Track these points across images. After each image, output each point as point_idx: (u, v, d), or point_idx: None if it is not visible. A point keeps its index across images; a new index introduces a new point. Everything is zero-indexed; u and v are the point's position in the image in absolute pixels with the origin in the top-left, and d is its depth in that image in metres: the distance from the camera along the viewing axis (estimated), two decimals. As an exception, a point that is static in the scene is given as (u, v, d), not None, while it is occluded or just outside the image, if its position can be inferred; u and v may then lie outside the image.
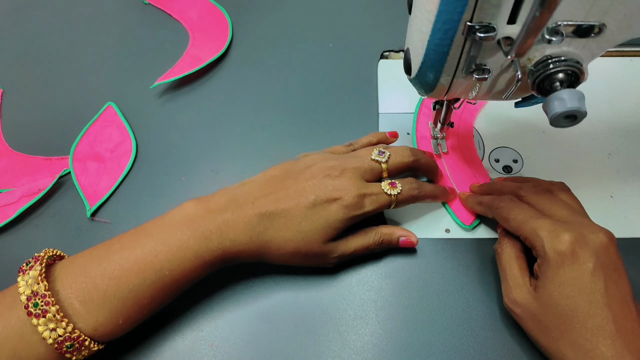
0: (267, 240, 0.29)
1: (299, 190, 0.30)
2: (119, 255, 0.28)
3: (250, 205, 0.30)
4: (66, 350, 0.26)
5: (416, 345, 0.30)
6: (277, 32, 0.48)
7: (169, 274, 0.28)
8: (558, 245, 0.26)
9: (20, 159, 0.41)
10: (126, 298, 0.27)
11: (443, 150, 0.38)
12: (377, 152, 0.33)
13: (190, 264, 0.28)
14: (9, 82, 0.46)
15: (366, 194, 0.30)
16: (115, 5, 0.52)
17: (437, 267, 0.33)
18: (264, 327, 0.32)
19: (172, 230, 0.28)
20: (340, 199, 0.29)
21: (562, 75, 0.24)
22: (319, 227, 0.29)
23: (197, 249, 0.28)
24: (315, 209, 0.29)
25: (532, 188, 0.31)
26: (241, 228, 0.29)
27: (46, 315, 0.25)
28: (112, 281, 0.27)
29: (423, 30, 0.24)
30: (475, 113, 0.41)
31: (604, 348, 0.24)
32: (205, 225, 0.29)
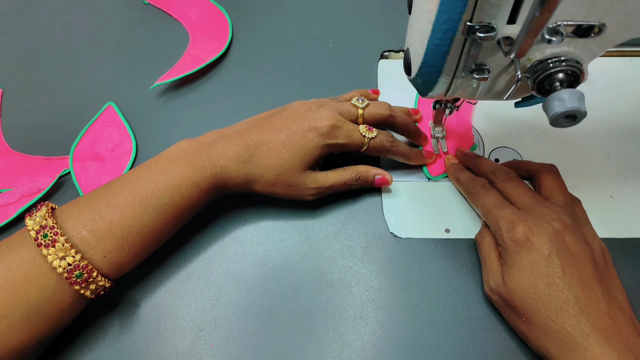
0: (252, 168, 0.32)
1: (281, 122, 0.33)
2: (121, 188, 0.30)
3: (237, 137, 0.32)
4: (75, 279, 0.27)
5: (416, 345, 0.30)
6: (277, 32, 0.48)
7: (169, 201, 0.30)
8: (514, 235, 0.28)
9: (20, 159, 0.41)
10: (131, 226, 0.29)
11: (443, 149, 0.38)
12: (356, 99, 0.35)
13: (188, 191, 0.30)
14: (9, 82, 0.46)
15: (342, 126, 0.33)
16: (115, 5, 0.52)
17: (437, 267, 0.33)
18: (264, 327, 0.32)
19: (170, 162, 0.31)
20: (317, 127, 0.32)
21: (562, 75, 0.24)
22: (297, 154, 0.32)
23: (192, 177, 0.30)
24: (294, 136, 0.32)
25: (503, 175, 0.33)
26: (229, 156, 0.31)
27: (55, 244, 0.26)
28: (117, 210, 0.28)
29: (423, 30, 0.24)
30: (471, 112, 0.41)
31: (570, 328, 0.26)
32: (198, 156, 0.31)
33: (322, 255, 0.34)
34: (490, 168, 0.34)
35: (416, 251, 0.34)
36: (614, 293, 0.27)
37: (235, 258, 0.34)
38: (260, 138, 0.32)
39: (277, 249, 0.35)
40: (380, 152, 0.35)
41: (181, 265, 0.34)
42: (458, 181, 0.35)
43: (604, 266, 0.28)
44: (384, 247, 0.34)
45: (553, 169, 0.33)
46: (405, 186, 0.37)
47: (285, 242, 0.35)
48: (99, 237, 0.28)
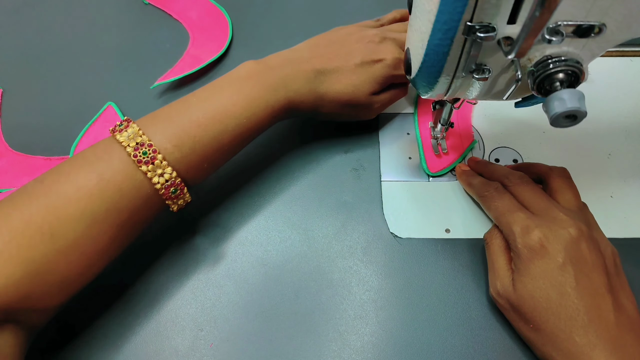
0: (323, 92, 0.34)
1: (347, 53, 0.35)
2: (199, 106, 0.30)
3: (305, 63, 0.34)
4: (170, 195, 0.29)
5: (416, 345, 0.30)
6: (277, 32, 0.48)
7: (246, 122, 0.31)
8: (528, 241, 0.28)
9: (20, 159, 0.41)
10: (210, 144, 0.30)
11: (443, 150, 0.38)
12: (402, 24, 0.39)
13: (263, 112, 0.31)
14: (9, 82, 0.46)
15: (402, 58, 0.34)
16: (115, 5, 0.52)
17: (437, 267, 0.33)
18: (264, 327, 0.32)
19: (243, 83, 0.32)
20: (384, 59, 0.34)
21: (562, 75, 0.24)
22: (366, 81, 0.34)
23: (267, 98, 0.32)
24: (362, 67, 0.34)
25: (517, 178, 0.32)
26: (301, 81, 0.33)
27: (154, 162, 0.27)
28: (199, 128, 0.29)
29: (423, 30, 0.24)
30: (471, 112, 0.41)
31: (577, 338, 0.25)
32: (271, 78, 0.32)
33: (322, 255, 0.34)
34: (503, 172, 0.33)
35: (416, 251, 0.34)
36: (624, 301, 0.27)
37: (235, 258, 0.34)
38: (329, 65, 0.34)
39: (277, 249, 0.35)
40: None
41: (181, 265, 0.34)
42: (470, 185, 0.35)
43: (615, 273, 0.28)
44: (384, 247, 0.34)
45: (564, 172, 0.32)
46: (405, 186, 0.37)
47: (285, 242, 0.35)
48: (185, 153, 0.29)
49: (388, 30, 0.37)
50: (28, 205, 0.25)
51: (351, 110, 0.36)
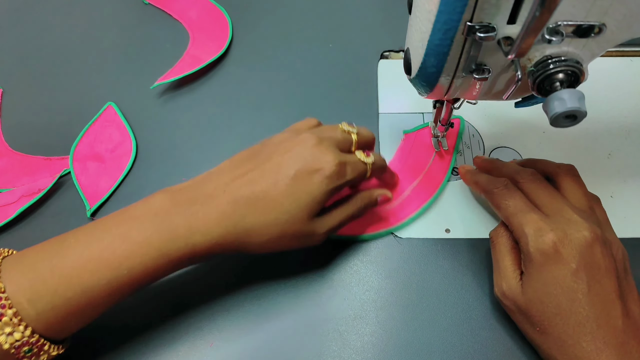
0: (247, 229, 0.27)
1: (276, 167, 0.27)
2: (72, 251, 0.25)
3: (221, 192, 0.27)
4: (24, 355, 0.24)
5: (416, 345, 0.30)
6: (277, 32, 0.48)
7: (127, 273, 0.25)
8: (541, 245, 0.26)
9: (20, 159, 0.41)
10: (79, 298, 0.24)
11: (444, 147, 0.38)
12: (346, 124, 0.31)
13: (153, 262, 0.25)
14: (9, 82, 0.46)
15: (347, 162, 0.29)
16: (115, 5, 0.52)
17: (437, 267, 0.33)
18: (264, 327, 0.32)
19: (133, 224, 0.26)
20: (322, 169, 0.27)
21: (562, 75, 0.24)
22: (303, 204, 0.27)
23: (160, 246, 0.25)
24: (297, 184, 0.27)
25: (529, 175, 0.31)
26: (214, 219, 0.26)
27: (2, 318, 0.23)
28: (62, 279, 0.24)
29: (423, 30, 0.24)
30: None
31: (585, 344, 0.25)
32: (171, 218, 0.26)
33: (322, 256, 0.34)
34: (514, 169, 0.32)
35: (416, 251, 0.34)
36: (632, 306, 0.27)
37: (235, 258, 0.34)
38: (252, 191, 0.27)
39: (277, 249, 0.35)
40: (378, 174, 0.33)
41: (181, 265, 0.34)
42: (477, 183, 0.33)
43: (624, 277, 0.27)
44: (384, 247, 0.34)
45: (572, 170, 0.31)
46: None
47: (285, 242, 0.35)
48: (41, 310, 0.24)
49: (325, 129, 0.31)
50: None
51: (290, 242, 0.28)
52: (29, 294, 0.24)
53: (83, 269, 0.25)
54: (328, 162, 0.27)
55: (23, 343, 0.24)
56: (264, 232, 0.27)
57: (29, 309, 0.24)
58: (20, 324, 0.23)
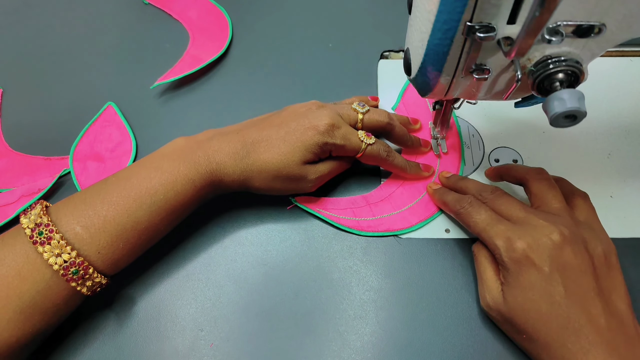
0: (249, 164, 0.31)
1: (281, 121, 0.33)
2: (116, 185, 0.29)
3: (234, 134, 0.32)
4: (72, 276, 0.27)
5: (416, 345, 0.30)
6: (277, 32, 0.48)
7: (163, 198, 0.29)
8: (513, 254, 0.27)
9: (20, 159, 0.41)
10: (125, 222, 0.28)
11: (443, 150, 0.38)
12: (357, 103, 0.35)
13: (182, 188, 0.30)
14: (9, 82, 0.46)
15: (340, 127, 0.33)
16: (115, 5, 0.52)
17: (437, 267, 0.33)
18: (264, 327, 0.32)
19: (164, 159, 0.31)
20: (316, 125, 0.32)
21: (562, 75, 0.24)
22: (296, 150, 0.31)
23: (187, 172, 0.30)
24: (293, 133, 0.32)
25: (490, 193, 0.32)
26: (226, 152, 0.31)
27: (50, 242, 0.26)
28: (111, 207, 0.28)
29: (423, 30, 0.24)
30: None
31: (570, 345, 0.26)
32: (194, 152, 0.31)
33: (322, 255, 0.34)
34: (475, 189, 0.33)
35: (416, 251, 0.34)
36: (616, 303, 0.27)
37: (235, 258, 0.34)
38: (258, 135, 0.32)
39: (277, 249, 0.35)
40: (375, 161, 0.35)
41: (181, 265, 0.34)
42: (445, 204, 0.34)
43: (606, 274, 0.28)
44: (384, 247, 0.34)
45: (541, 174, 0.31)
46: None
47: (285, 242, 0.35)
48: (93, 233, 0.28)
49: (337, 104, 0.36)
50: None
51: (284, 182, 0.32)
52: (82, 221, 0.28)
53: (127, 197, 0.29)
54: (322, 121, 0.32)
55: (70, 264, 0.27)
56: (263, 168, 0.32)
57: (83, 234, 0.27)
58: (67, 246, 0.27)
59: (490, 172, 0.35)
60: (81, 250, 0.27)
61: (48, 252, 0.26)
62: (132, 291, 0.33)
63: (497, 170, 0.35)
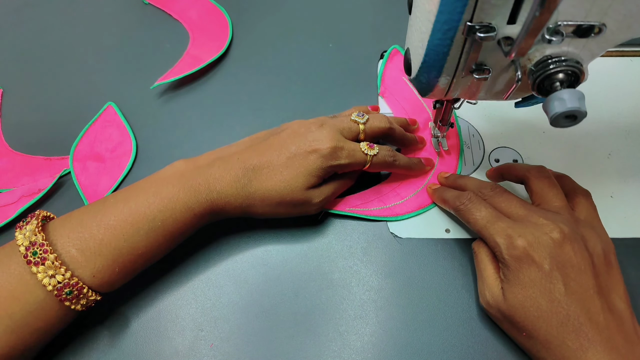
0: (252, 192, 0.31)
1: (281, 144, 0.32)
2: (114, 208, 0.29)
3: (235, 160, 0.32)
4: (65, 297, 0.27)
5: (416, 345, 0.30)
6: (277, 32, 0.48)
7: (161, 224, 0.29)
8: (513, 251, 0.27)
9: (20, 159, 0.41)
10: (122, 247, 0.28)
11: (444, 148, 0.38)
12: (356, 114, 0.34)
13: (181, 215, 0.30)
14: (9, 82, 0.46)
15: (343, 147, 0.32)
16: (115, 5, 0.52)
17: (437, 267, 0.33)
18: (264, 327, 0.32)
19: (164, 184, 0.30)
20: (319, 149, 0.31)
21: (562, 75, 0.24)
22: (299, 176, 0.31)
23: (186, 200, 0.30)
24: (295, 158, 0.31)
25: (490, 190, 0.32)
26: (227, 181, 0.31)
27: (45, 262, 0.26)
28: (108, 231, 0.28)
29: (423, 30, 0.24)
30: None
31: (570, 342, 0.26)
32: (194, 179, 0.31)
33: (322, 255, 0.34)
34: (475, 186, 0.33)
35: (416, 251, 0.34)
36: (615, 301, 0.27)
37: (235, 258, 0.34)
38: (259, 161, 0.31)
39: (277, 249, 0.35)
40: (382, 168, 0.35)
41: (181, 265, 0.34)
42: (444, 201, 0.34)
43: (606, 272, 0.28)
44: (384, 247, 0.34)
45: (542, 172, 0.31)
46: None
47: (285, 242, 0.35)
48: (88, 257, 0.27)
49: (334, 117, 0.35)
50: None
51: (288, 208, 0.32)
52: (78, 244, 0.27)
53: (124, 221, 0.29)
54: (324, 145, 0.31)
55: (64, 285, 0.26)
56: (265, 196, 0.31)
57: (79, 257, 0.27)
58: (61, 267, 0.26)
59: (491, 172, 0.35)
60: (75, 272, 0.27)
61: (42, 272, 0.26)
62: (132, 291, 0.33)
63: (498, 169, 0.35)
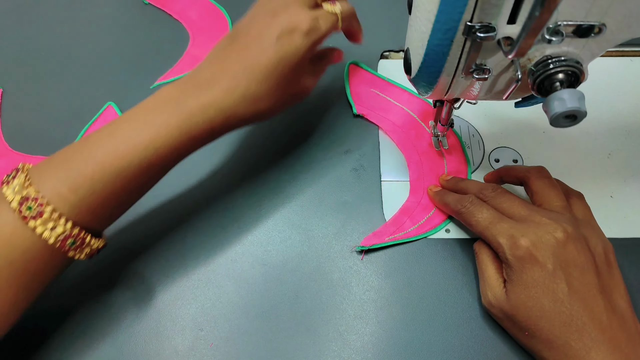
0: (254, 96, 0.29)
1: (258, 37, 0.29)
2: (99, 142, 0.27)
3: (220, 73, 0.29)
4: (69, 247, 0.26)
5: (416, 345, 0.30)
6: (277, 32, 0.48)
7: (154, 153, 0.27)
8: (516, 251, 0.27)
9: (20, 159, 0.41)
10: (114, 181, 0.26)
11: (444, 146, 0.38)
12: (328, 4, 0.32)
13: (177, 141, 0.28)
14: (9, 82, 0.46)
15: (317, 16, 0.30)
16: (115, 5, 0.52)
17: (437, 267, 0.33)
18: (264, 327, 0.32)
19: (150, 112, 0.28)
20: (298, 27, 0.29)
21: (562, 75, 0.24)
22: (293, 63, 0.29)
23: (180, 124, 0.28)
24: (282, 47, 0.29)
25: (491, 191, 0.32)
26: (222, 95, 0.29)
27: (43, 215, 0.25)
28: (97, 166, 0.26)
29: (423, 30, 0.24)
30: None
31: (573, 342, 0.26)
32: (184, 102, 0.28)
33: (322, 255, 0.34)
34: (476, 188, 0.33)
35: (416, 251, 0.34)
36: (617, 301, 0.27)
37: (235, 258, 0.34)
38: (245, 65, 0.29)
39: (277, 249, 0.35)
40: (349, 21, 0.34)
41: (181, 265, 0.34)
42: (445, 205, 0.34)
43: (607, 272, 0.28)
44: (384, 247, 0.34)
45: (542, 172, 0.32)
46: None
47: (285, 242, 0.35)
48: (82, 196, 0.26)
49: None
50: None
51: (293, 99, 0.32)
52: (68, 183, 0.26)
53: (114, 154, 0.26)
54: (302, 20, 0.29)
55: (67, 236, 0.25)
56: (271, 95, 0.30)
57: (71, 197, 0.26)
58: (60, 218, 0.25)
59: (490, 176, 0.35)
60: (70, 215, 0.26)
61: (41, 226, 0.25)
62: (132, 291, 0.33)
63: (498, 172, 0.35)
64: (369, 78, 0.43)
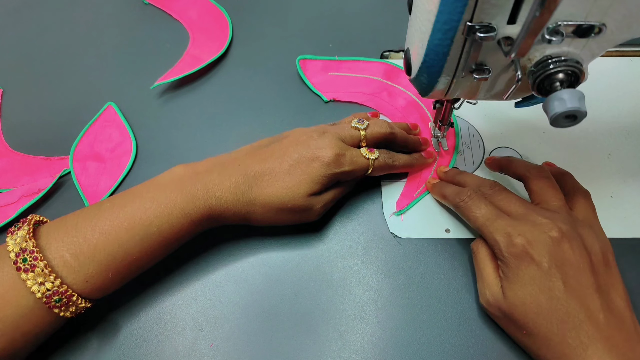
0: (252, 198, 0.31)
1: (282, 151, 0.32)
2: (109, 212, 0.29)
3: (235, 166, 0.31)
4: (54, 304, 0.26)
5: (416, 345, 0.30)
6: (277, 32, 0.48)
7: (157, 230, 0.29)
8: (512, 249, 0.28)
9: (20, 159, 0.41)
10: (116, 252, 0.28)
11: (444, 148, 0.38)
12: (356, 121, 0.34)
13: (178, 221, 0.29)
14: (9, 82, 0.46)
15: (345, 154, 0.32)
16: (115, 5, 0.52)
17: (437, 267, 0.33)
18: (264, 327, 0.32)
19: (161, 189, 0.30)
20: (321, 157, 0.31)
21: (562, 75, 0.24)
22: (302, 183, 0.31)
23: (184, 206, 0.29)
24: (298, 166, 0.31)
25: (489, 188, 0.32)
26: (227, 187, 0.30)
27: (34, 269, 0.26)
28: (102, 236, 0.28)
29: (423, 30, 0.24)
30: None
31: (570, 340, 0.26)
32: (193, 185, 0.30)
33: (322, 255, 0.34)
34: (475, 183, 0.33)
35: (416, 251, 0.34)
36: (615, 300, 0.27)
37: (235, 258, 0.34)
38: (260, 167, 0.31)
39: (277, 249, 0.35)
40: (384, 171, 0.35)
41: (181, 265, 0.34)
42: (444, 197, 0.34)
43: (604, 271, 0.28)
44: (384, 247, 0.34)
45: (541, 172, 0.32)
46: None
47: (285, 242, 0.35)
48: (82, 262, 0.27)
49: (334, 124, 0.35)
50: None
51: (288, 215, 0.32)
52: (72, 249, 0.27)
53: (119, 227, 0.28)
54: (326, 152, 0.31)
55: (53, 292, 0.26)
56: (266, 202, 0.31)
57: (72, 261, 0.27)
58: (51, 275, 0.26)
59: (490, 161, 0.36)
60: (68, 278, 0.27)
61: (31, 279, 0.26)
62: (132, 291, 0.33)
63: (499, 162, 0.35)
64: (321, 65, 0.44)
